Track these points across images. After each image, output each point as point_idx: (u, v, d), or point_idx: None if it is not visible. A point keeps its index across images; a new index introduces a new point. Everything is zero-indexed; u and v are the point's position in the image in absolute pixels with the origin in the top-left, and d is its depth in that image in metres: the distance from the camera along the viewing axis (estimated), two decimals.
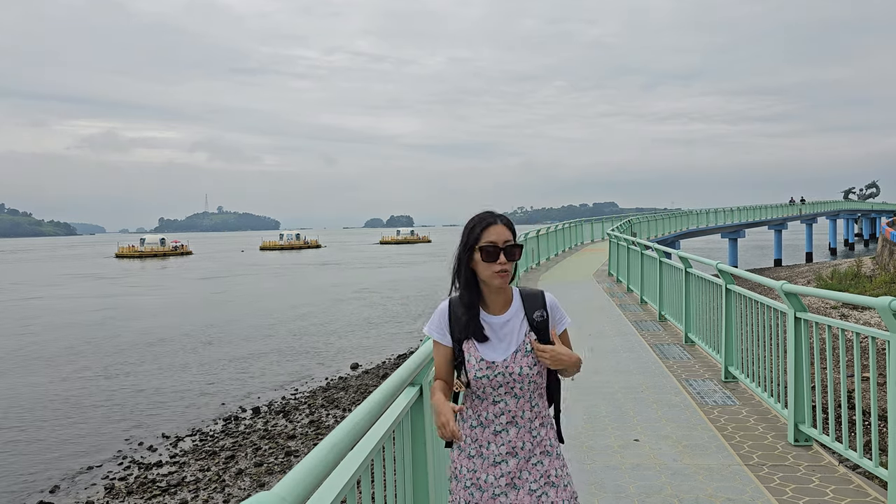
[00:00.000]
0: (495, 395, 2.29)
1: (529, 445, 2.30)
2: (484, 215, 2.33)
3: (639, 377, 6.97)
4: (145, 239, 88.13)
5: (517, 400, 2.30)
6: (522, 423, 2.30)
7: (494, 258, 2.25)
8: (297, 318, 26.66)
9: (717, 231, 42.25)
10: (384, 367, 16.44)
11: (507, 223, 2.31)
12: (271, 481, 9.38)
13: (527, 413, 2.31)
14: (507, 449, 2.29)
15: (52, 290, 42.25)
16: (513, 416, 2.30)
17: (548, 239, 21.94)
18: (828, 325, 4.47)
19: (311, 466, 1.52)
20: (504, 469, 2.28)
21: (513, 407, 2.30)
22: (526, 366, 2.28)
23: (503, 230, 2.28)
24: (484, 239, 2.26)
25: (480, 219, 2.31)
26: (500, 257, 2.25)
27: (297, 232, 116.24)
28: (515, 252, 2.27)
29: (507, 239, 2.27)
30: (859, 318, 13.58)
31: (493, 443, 2.30)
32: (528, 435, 2.31)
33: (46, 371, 17.76)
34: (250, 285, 42.24)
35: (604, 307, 12.00)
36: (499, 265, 2.25)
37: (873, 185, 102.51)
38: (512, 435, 2.29)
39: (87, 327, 25.34)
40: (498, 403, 2.30)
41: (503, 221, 2.31)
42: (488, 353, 2.29)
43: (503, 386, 2.28)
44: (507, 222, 2.32)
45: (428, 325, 2.41)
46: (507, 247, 2.26)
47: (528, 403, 2.31)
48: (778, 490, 4.06)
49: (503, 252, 2.25)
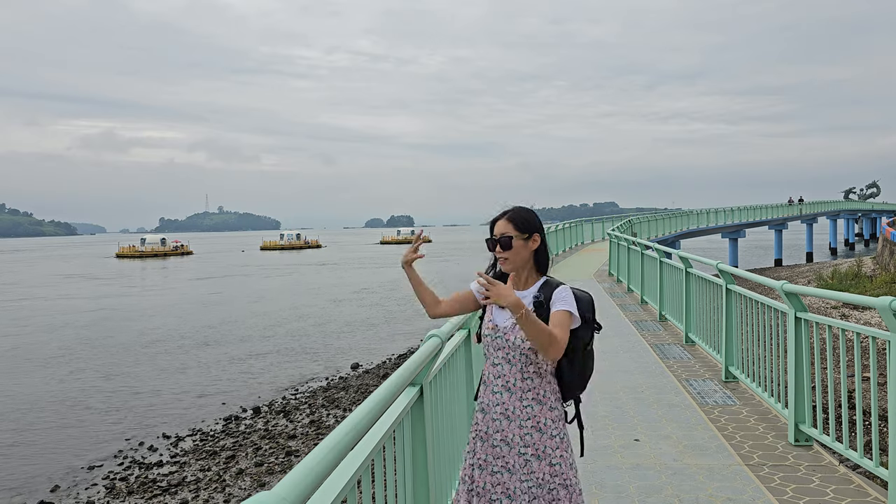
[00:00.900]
0: (495, 357, 2.65)
1: (521, 414, 2.57)
2: (500, 212, 2.71)
3: (639, 377, 6.97)
4: (146, 239, 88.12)
5: (511, 367, 2.60)
6: (514, 391, 2.59)
7: (493, 248, 2.67)
8: (297, 318, 26.67)
9: (717, 231, 42.22)
10: (384, 367, 16.45)
11: (511, 217, 2.65)
12: (272, 481, 9.38)
13: (518, 382, 2.59)
14: (500, 410, 2.61)
15: (52, 290, 42.26)
16: (506, 381, 2.61)
17: (548, 239, 21.93)
18: (828, 325, 4.48)
19: (312, 466, 1.52)
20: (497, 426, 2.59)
21: (507, 372, 2.61)
22: (519, 338, 2.58)
23: (503, 224, 2.65)
24: (492, 233, 2.68)
25: (496, 215, 2.71)
26: (496, 248, 2.65)
27: (297, 232, 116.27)
28: (509, 241, 2.61)
29: (503, 232, 2.63)
30: (860, 318, 13.58)
31: (491, 401, 2.64)
32: (520, 404, 2.58)
33: (46, 371, 17.77)
34: (250, 285, 42.26)
35: (604, 307, 12.00)
36: (497, 254, 2.65)
37: (874, 185, 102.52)
38: (505, 398, 2.60)
39: (88, 328, 25.34)
40: (497, 366, 2.64)
41: (508, 216, 2.66)
42: (496, 317, 2.67)
43: (500, 350, 2.62)
44: (513, 216, 2.66)
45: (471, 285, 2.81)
46: (501, 238, 2.62)
47: (521, 374, 2.59)
48: (778, 490, 4.06)
49: (498, 243, 2.63)
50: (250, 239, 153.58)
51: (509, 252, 2.61)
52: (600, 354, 8.03)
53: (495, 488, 2.58)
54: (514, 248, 2.61)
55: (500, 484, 2.58)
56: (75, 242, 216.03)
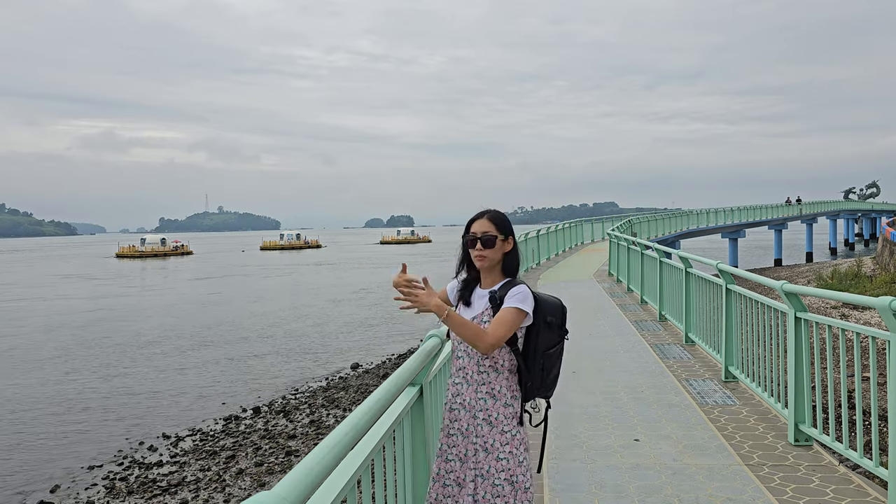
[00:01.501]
0: (458, 350, 2.74)
1: (475, 405, 2.66)
2: (478, 213, 2.79)
3: (639, 377, 6.97)
4: (146, 239, 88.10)
5: (469, 359, 2.70)
6: (472, 383, 2.68)
7: (473, 245, 2.72)
8: (297, 318, 26.67)
9: (717, 231, 42.23)
10: (384, 367, 16.44)
11: (491, 218, 2.74)
12: (272, 481, 9.38)
13: (475, 375, 2.68)
14: (459, 400, 2.70)
15: (51, 290, 42.25)
16: (466, 373, 2.70)
17: (548, 239, 21.94)
18: (828, 325, 4.48)
19: (312, 466, 1.53)
20: (456, 415, 2.69)
21: (466, 364, 2.71)
22: None
23: (484, 223, 2.73)
24: (469, 231, 2.75)
25: (474, 215, 2.79)
26: (476, 245, 2.70)
27: (297, 232, 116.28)
28: (491, 241, 2.69)
29: (484, 230, 2.70)
30: (859, 317, 13.58)
31: (451, 392, 2.74)
32: (475, 395, 2.66)
33: (45, 371, 17.76)
34: (250, 285, 42.25)
35: (604, 307, 12.00)
36: (476, 251, 2.71)
37: (873, 185, 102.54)
38: (463, 389, 2.69)
39: (86, 328, 25.34)
40: (459, 359, 2.74)
41: (488, 216, 2.75)
42: (462, 312, 2.75)
43: (463, 343, 2.70)
44: (493, 217, 2.75)
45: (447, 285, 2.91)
46: (483, 236, 2.69)
47: (477, 367, 2.68)
48: (778, 490, 4.06)
49: (480, 241, 2.69)
50: (250, 239, 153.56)
51: (489, 251, 2.69)
52: (601, 354, 8.07)
53: (448, 475, 2.66)
54: (495, 247, 2.70)
55: (452, 471, 2.66)
56: (75, 242, 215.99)
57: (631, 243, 13.61)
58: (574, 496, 4.08)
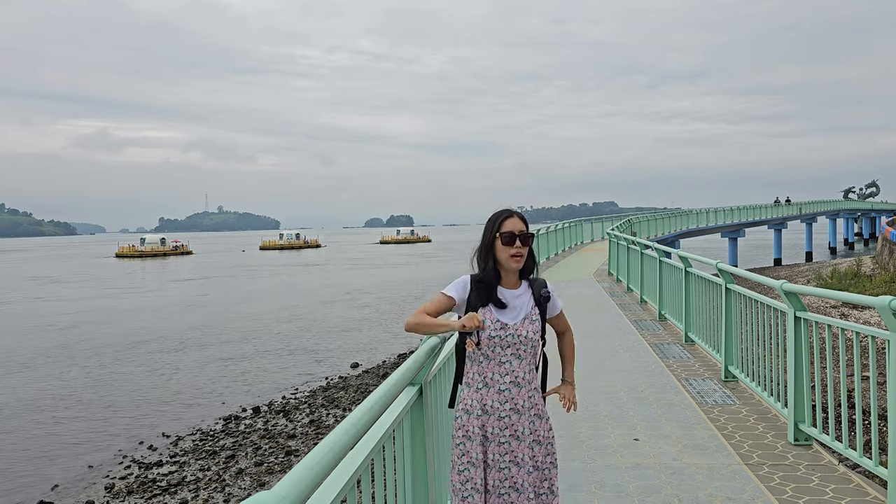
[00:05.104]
0: (503, 355, 2.69)
1: (528, 405, 2.70)
2: (503, 211, 2.80)
3: (639, 377, 6.97)
4: (146, 238, 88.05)
5: (521, 361, 2.70)
6: (522, 384, 2.69)
7: (511, 243, 2.71)
8: (296, 317, 26.66)
9: (717, 230, 42.24)
10: (384, 367, 16.44)
11: (521, 217, 2.81)
12: (271, 481, 9.38)
13: (527, 376, 2.71)
14: (510, 406, 2.68)
15: (49, 290, 42.23)
16: (516, 376, 2.69)
17: (548, 238, 21.93)
18: (828, 325, 4.47)
19: (312, 466, 1.52)
20: (507, 423, 2.67)
21: (517, 368, 2.69)
22: (531, 331, 2.70)
23: (518, 221, 2.77)
24: (504, 228, 2.73)
25: (500, 213, 2.79)
26: (516, 242, 2.71)
27: (296, 231, 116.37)
28: (529, 239, 2.75)
29: (521, 229, 2.75)
30: (859, 317, 13.58)
31: (497, 400, 2.68)
32: (527, 396, 2.70)
33: (44, 371, 17.76)
34: (250, 285, 42.23)
35: (603, 306, 12.00)
36: (514, 249, 2.71)
37: (873, 185, 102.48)
38: (514, 394, 2.68)
39: (85, 328, 25.33)
40: (504, 364, 2.69)
41: (518, 215, 2.80)
42: (503, 317, 2.70)
43: (511, 347, 2.68)
44: (521, 216, 2.81)
45: (449, 287, 2.79)
46: (522, 234, 2.73)
47: (529, 366, 2.72)
48: (778, 489, 4.07)
49: (519, 238, 2.71)
50: (250, 239, 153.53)
51: (525, 249, 2.74)
52: (600, 354, 8.08)
53: (503, 483, 2.68)
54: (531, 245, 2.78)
55: (508, 479, 2.68)
56: (74, 242, 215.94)
57: (631, 243, 13.61)
58: (574, 496, 4.08)
